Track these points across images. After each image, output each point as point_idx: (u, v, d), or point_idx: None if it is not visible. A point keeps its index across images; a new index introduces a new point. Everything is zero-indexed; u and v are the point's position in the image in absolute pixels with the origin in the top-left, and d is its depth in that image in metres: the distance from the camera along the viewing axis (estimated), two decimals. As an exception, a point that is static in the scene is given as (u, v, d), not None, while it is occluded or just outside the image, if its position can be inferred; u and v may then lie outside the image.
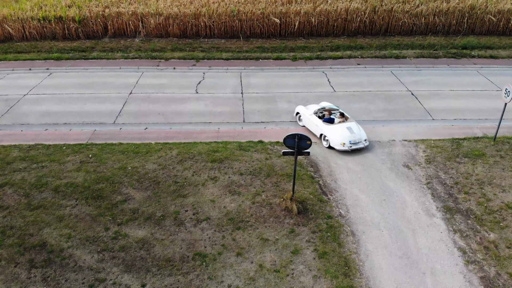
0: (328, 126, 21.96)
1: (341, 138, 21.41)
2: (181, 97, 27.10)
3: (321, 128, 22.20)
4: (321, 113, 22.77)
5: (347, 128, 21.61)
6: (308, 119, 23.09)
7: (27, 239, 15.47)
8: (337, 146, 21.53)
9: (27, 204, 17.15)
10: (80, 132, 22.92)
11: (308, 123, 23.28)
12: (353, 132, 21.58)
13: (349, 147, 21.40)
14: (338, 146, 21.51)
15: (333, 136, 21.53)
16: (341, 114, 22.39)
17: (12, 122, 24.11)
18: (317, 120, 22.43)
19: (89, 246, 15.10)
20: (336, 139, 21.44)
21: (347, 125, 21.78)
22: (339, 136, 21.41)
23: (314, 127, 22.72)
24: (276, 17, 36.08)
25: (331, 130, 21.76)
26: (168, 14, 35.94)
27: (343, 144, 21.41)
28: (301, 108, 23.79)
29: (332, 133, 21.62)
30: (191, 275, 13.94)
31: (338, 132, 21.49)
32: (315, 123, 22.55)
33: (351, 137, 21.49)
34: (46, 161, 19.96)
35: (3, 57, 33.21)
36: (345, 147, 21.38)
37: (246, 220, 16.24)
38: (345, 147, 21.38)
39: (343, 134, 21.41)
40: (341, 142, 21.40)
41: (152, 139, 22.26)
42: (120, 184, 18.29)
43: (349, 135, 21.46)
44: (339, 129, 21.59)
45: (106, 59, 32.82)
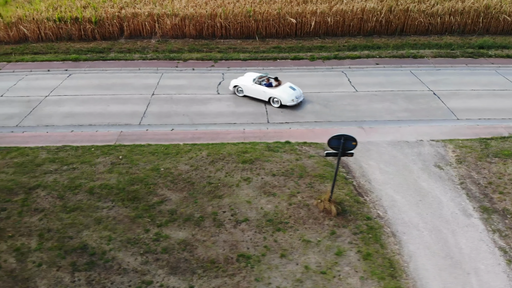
0: (275, 89, 25.71)
1: (289, 95, 25.50)
2: (203, 98, 26.96)
3: (269, 92, 25.80)
4: (260, 81, 26.03)
5: (290, 87, 25.86)
6: (251, 88, 26.31)
7: (66, 242, 15.36)
8: (288, 102, 25.63)
9: (63, 207, 17.02)
10: (107, 133, 22.79)
11: (251, 92, 26.53)
12: (295, 90, 25.91)
13: (296, 101, 25.59)
14: (289, 103, 25.63)
15: (283, 95, 25.50)
16: (275, 78, 26.13)
17: (36, 124, 23.99)
18: (263, 87, 25.81)
19: (131, 248, 14.97)
20: (286, 97, 25.45)
21: (288, 85, 26.00)
22: (287, 94, 25.53)
23: (261, 94, 26.07)
24: (292, 17, 35.96)
25: (279, 91, 25.66)
26: (184, 15, 35.82)
27: (293, 100, 25.49)
28: (238, 81, 26.86)
29: (281, 93, 25.53)
30: (238, 277, 13.83)
31: (285, 92, 25.58)
32: (261, 90, 25.91)
33: (295, 94, 25.69)
34: (77, 162, 19.83)
35: (20, 58, 33.06)
36: (293, 102, 25.51)
37: (285, 222, 16.12)
38: (294, 102, 25.51)
39: (289, 92, 25.60)
40: (291, 99, 25.45)
41: (179, 140, 22.14)
42: (154, 185, 18.16)
43: (293, 92, 25.68)
44: (285, 89, 25.70)
45: (124, 60, 32.65)
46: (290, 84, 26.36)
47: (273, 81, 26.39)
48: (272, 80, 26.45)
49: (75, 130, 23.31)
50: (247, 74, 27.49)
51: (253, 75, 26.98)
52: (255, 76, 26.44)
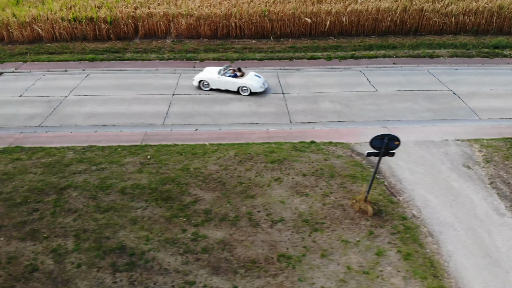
0: (243, 78, 27.29)
1: (257, 83, 27.33)
2: (224, 97, 26.93)
3: (238, 82, 27.31)
4: (225, 72, 27.53)
5: (255, 76, 27.67)
6: (218, 81, 27.62)
7: (104, 242, 15.28)
8: (258, 89, 27.49)
9: (96, 207, 16.95)
10: (132, 133, 22.73)
11: (219, 85, 27.82)
12: (260, 77, 27.81)
13: (264, 88, 27.57)
14: (258, 89, 27.48)
15: (253, 83, 27.31)
16: (238, 69, 27.56)
17: (59, 124, 23.95)
18: (231, 78, 27.36)
19: (170, 248, 14.92)
20: (255, 85, 27.30)
21: (253, 73, 27.81)
22: (256, 82, 27.32)
23: (230, 85, 27.53)
24: (307, 17, 35.85)
25: (248, 80, 27.34)
26: (199, 15, 35.72)
27: (261, 87, 27.36)
28: (202, 76, 28.12)
29: (250, 81, 27.26)
30: (280, 277, 13.78)
31: (253, 80, 27.36)
32: (230, 81, 27.39)
33: (262, 81, 27.59)
34: (105, 162, 19.77)
35: (36, 58, 32.97)
36: (262, 88, 27.41)
37: (322, 222, 16.08)
38: (262, 88, 27.44)
39: (257, 80, 27.41)
40: (259, 86, 27.30)
41: (205, 140, 22.10)
42: (186, 185, 18.12)
43: (260, 79, 27.56)
44: (252, 77, 27.45)
45: (141, 60, 32.58)
46: (255, 73, 27.91)
47: (237, 72, 27.29)
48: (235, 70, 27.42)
49: (99, 130, 23.20)
50: (207, 68, 28.52)
51: (215, 68, 28.03)
52: (219, 69, 27.47)
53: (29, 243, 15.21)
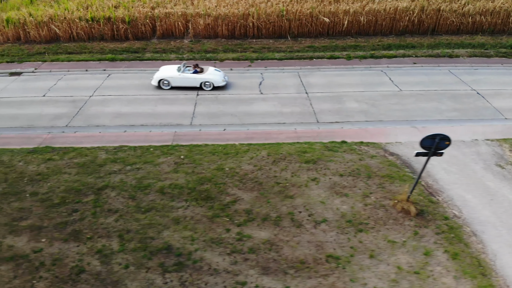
0: (205, 74, 27.91)
1: (219, 77, 28.15)
2: (247, 98, 26.88)
3: (200, 77, 27.89)
4: (185, 69, 27.95)
5: (215, 70, 28.38)
6: (180, 79, 28.01)
7: (149, 243, 15.21)
8: (220, 83, 28.22)
9: (137, 207, 16.88)
10: (161, 133, 22.68)
11: (180, 82, 28.20)
12: (220, 71, 28.61)
13: (225, 82, 28.38)
14: (221, 83, 28.21)
15: (215, 77, 28.10)
16: (196, 65, 27.97)
17: (86, 124, 23.91)
18: (193, 74, 27.79)
19: (216, 248, 14.87)
20: (217, 79, 28.12)
21: (213, 68, 28.46)
22: (218, 76, 28.16)
23: (192, 81, 28.02)
24: (325, 17, 35.77)
25: (210, 75, 28.11)
26: (217, 15, 35.60)
27: (223, 81, 28.09)
28: (161, 74, 28.32)
29: (212, 76, 28.07)
30: (332, 278, 13.73)
31: (215, 75, 28.15)
32: (192, 77, 27.86)
33: (223, 75, 28.39)
34: (139, 162, 19.72)
35: (55, 57, 32.91)
36: (224, 82, 28.16)
37: (365, 223, 16.03)
38: (224, 82, 28.16)
39: (218, 74, 28.23)
40: (221, 79, 28.09)
41: (234, 140, 22.10)
42: (223, 185, 18.08)
43: (221, 73, 28.39)
44: (213, 72, 28.27)
45: (161, 60, 32.55)
46: (214, 68, 28.55)
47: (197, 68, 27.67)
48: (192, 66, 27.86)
49: (128, 130, 23.11)
50: (164, 67, 28.69)
51: (172, 66, 28.34)
52: (178, 66, 27.87)
53: (72, 244, 15.14)
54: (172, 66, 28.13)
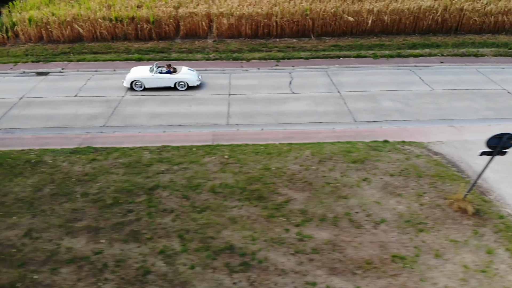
0: (179, 73, 27.89)
1: (194, 77, 28.09)
2: (279, 97, 26.84)
3: (175, 77, 27.86)
4: (159, 70, 27.83)
5: (189, 70, 28.42)
6: (153, 79, 27.85)
7: (210, 243, 15.18)
8: (195, 83, 28.20)
9: (192, 206, 16.87)
10: (200, 133, 22.66)
11: (154, 83, 28.02)
12: (194, 71, 28.54)
13: (199, 81, 28.46)
14: (196, 83, 28.22)
15: (190, 77, 28.12)
16: (169, 65, 27.93)
17: (124, 124, 23.86)
18: (167, 75, 27.69)
19: (279, 248, 14.84)
20: (192, 79, 28.09)
21: (187, 68, 28.50)
22: (192, 76, 28.13)
23: (166, 81, 27.89)
24: (349, 16, 35.72)
25: (185, 74, 28.10)
26: (241, 14, 35.50)
27: (198, 80, 28.13)
28: (133, 76, 28.01)
29: (187, 76, 28.07)
30: (401, 278, 13.70)
31: (189, 74, 28.16)
32: (166, 78, 27.75)
33: (197, 74, 28.44)
34: (185, 162, 19.69)
35: (81, 57, 32.85)
36: (198, 82, 28.20)
37: (424, 222, 16.00)
38: (199, 82, 28.22)
39: (192, 74, 28.23)
40: (196, 79, 28.05)
41: (273, 139, 22.11)
42: (273, 184, 18.04)
43: (195, 73, 28.42)
44: (187, 72, 28.23)
45: (187, 60, 32.45)
46: (187, 67, 28.51)
47: (170, 68, 27.55)
48: (165, 66, 27.77)
49: (167, 130, 22.95)
50: (135, 68, 28.46)
51: (144, 67, 28.18)
52: (149, 67, 27.76)
53: (133, 245, 15.06)
54: (144, 67, 27.79)
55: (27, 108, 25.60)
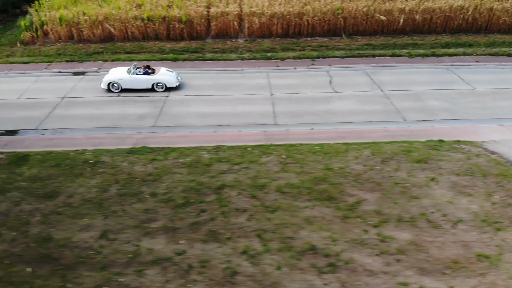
0: (157, 74, 27.45)
1: (172, 78, 27.71)
2: (322, 96, 26.84)
3: (152, 79, 27.36)
4: (136, 71, 27.41)
5: (167, 71, 28.00)
6: (130, 80, 27.34)
7: (291, 243, 15.15)
8: (174, 84, 27.83)
9: (263, 206, 16.89)
10: (251, 133, 22.74)
11: (131, 84, 27.54)
12: (173, 72, 28.18)
13: (178, 82, 28.03)
14: (174, 84, 27.81)
15: (167, 78, 27.66)
16: (147, 66, 27.42)
17: (174, 124, 23.92)
18: (144, 76, 27.29)
19: (362, 249, 14.82)
20: (170, 80, 27.67)
21: (164, 69, 28.07)
22: (170, 77, 27.70)
23: (144, 83, 27.42)
24: (381, 15, 35.65)
25: (163, 75, 27.64)
26: (273, 14, 35.38)
27: (176, 81, 27.73)
28: (111, 77, 27.66)
29: (165, 77, 27.60)
30: (490, 276, 13.77)
31: (167, 75, 27.71)
32: (144, 79, 27.31)
33: (175, 75, 28.04)
34: (245, 162, 19.63)
35: (115, 57, 32.81)
36: (177, 83, 27.77)
37: (500, 221, 16.06)
38: (177, 83, 27.78)
39: (171, 75, 27.83)
40: (174, 80, 27.67)
41: (325, 139, 22.16)
42: (340, 185, 18.01)
43: (173, 74, 27.86)
44: (165, 73, 27.81)
45: (223, 60, 32.37)
46: (166, 68, 28.04)
47: (148, 69, 27.05)
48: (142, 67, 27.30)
49: (217, 130, 22.81)
50: (113, 69, 28.01)
51: (122, 68, 27.70)
52: (127, 68, 27.33)
53: (213, 245, 15.00)
54: (122, 68, 27.29)
55: (71, 108, 25.48)
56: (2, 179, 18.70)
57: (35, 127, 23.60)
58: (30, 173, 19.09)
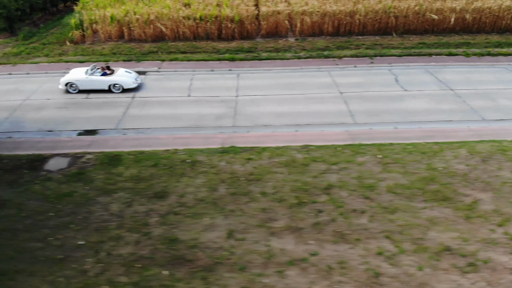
0: (114, 75, 26.88)
1: (130, 79, 27.11)
2: (393, 95, 26.80)
3: (108, 80, 26.71)
4: (93, 72, 26.94)
5: (126, 72, 27.46)
6: (86, 81, 26.72)
7: (423, 244, 15.12)
8: (131, 85, 27.20)
9: (380, 207, 16.86)
10: (334, 132, 22.67)
11: (88, 85, 26.93)
12: (131, 73, 27.64)
13: (137, 83, 27.48)
14: (131, 85, 27.18)
15: (125, 79, 27.08)
16: (107, 67, 27.07)
17: (253, 124, 23.93)
18: (100, 77, 26.83)
19: (496, 248, 15.16)
20: (127, 81, 27.01)
21: (124, 70, 27.65)
22: (128, 78, 27.12)
23: (99, 84, 26.75)
24: (432, 14, 35.56)
25: (120, 76, 27.10)
26: (325, 12, 35.21)
27: (134, 82, 27.14)
28: (68, 78, 27.05)
29: (122, 78, 27.01)
30: None
31: (125, 76, 27.14)
32: (99, 80, 26.69)
33: (134, 76, 27.49)
34: (341, 162, 19.57)
35: (173, 57, 32.65)
36: (135, 84, 27.17)
37: None
38: (135, 84, 27.20)
39: (128, 76, 27.24)
40: (132, 81, 27.08)
41: (413, 138, 22.08)
42: (451, 185, 17.96)
43: (132, 75, 27.40)
44: (123, 74, 27.24)
45: (279, 60, 32.27)
46: (125, 69, 27.53)
47: (106, 70, 26.84)
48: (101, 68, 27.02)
49: (299, 130, 22.59)
50: (74, 70, 27.65)
51: (82, 69, 27.21)
52: (86, 69, 26.79)
53: (345, 246, 15.00)
54: (81, 69, 26.89)
55: (145, 107, 25.27)
56: (102, 180, 18.39)
57: (114, 126, 23.32)
58: (129, 173, 18.80)
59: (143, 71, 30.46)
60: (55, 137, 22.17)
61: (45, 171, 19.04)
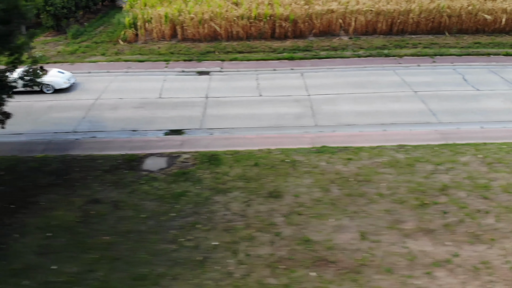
0: (45, 76, 25.09)
1: (61, 79, 26.61)
2: (467, 94, 26.79)
3: None
4: None
5: (59, 72, 27.10)
6: None
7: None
8: (63, 85, 26.65)
9: (503, 207, 16.97)
10: (424, 132, 23.16)
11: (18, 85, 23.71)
12: (64, 73, 27.24)
13: (69, 83, 26.95)
14: (63, 85, 26.66)
15: (56, 79, 26.58)
16: (40, 68, 23.72)
17: (335, 123, 24.02)
18: None
19: None
20: (59, 81, 26.55)
21: (56, 70, 27.40)
22: (59, 78, 26.65)
23: None
24: (485, 14, 35.50)
25: (50, 77, 26.38)
26: (379, 11, 35.05)
27: (65, 83, 26.63)
28: None
29: (53, 78, 26.43)
30: None
31: (56, 76, 26.74)
32: None
33: (66, 76, 27.05)
34: (446, 162, 19.60)
35: (232, 57, 32.52)
36: (67, 84, 26.65)
37: None
38: (67, 84, 26.68)
39: (60, 76, 26.88)
40: (63, 82, 26.61)
41: (502, 138, 22.17)
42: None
43: (64, 75, 26.94)
44: (55, 74, 26.86)
45: (339, 58, 32.07)
46: (58, 69, 27.31)
47: None
48: None
49: (387, 129, 22.44)
50: None
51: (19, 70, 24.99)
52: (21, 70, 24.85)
53: (482, 247, 14.94)
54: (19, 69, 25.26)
55: (221, 107, 25.18)
56: (210, 179, 18.19)
57: (198, 126, 23.10)
58: (235, 172, 18.67)
59: (206, 71, 30.30)
60: (143, 137, 21.77)
61: (146, 171, 18.82)
